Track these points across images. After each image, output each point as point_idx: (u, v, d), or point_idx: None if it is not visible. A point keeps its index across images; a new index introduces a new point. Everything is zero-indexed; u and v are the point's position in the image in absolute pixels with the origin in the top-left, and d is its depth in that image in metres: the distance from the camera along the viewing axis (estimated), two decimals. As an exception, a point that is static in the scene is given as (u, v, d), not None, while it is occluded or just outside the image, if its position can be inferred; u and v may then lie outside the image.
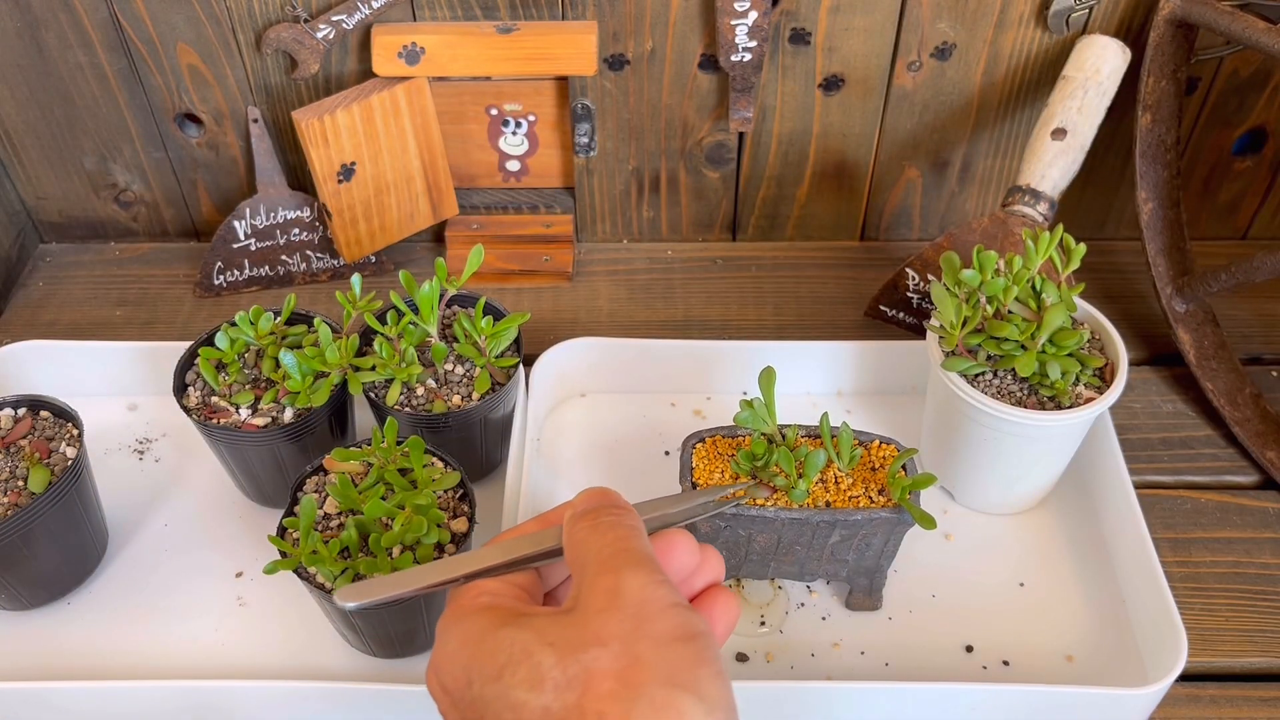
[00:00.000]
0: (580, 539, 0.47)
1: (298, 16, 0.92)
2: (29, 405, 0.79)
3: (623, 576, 0.44)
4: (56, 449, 0.77)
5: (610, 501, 0.49)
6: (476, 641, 0.44)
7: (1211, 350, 0.93)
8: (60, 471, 0.75)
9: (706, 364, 0.93)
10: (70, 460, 0.76)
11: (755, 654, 0.77)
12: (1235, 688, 0.76)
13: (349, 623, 0.73)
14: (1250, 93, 0.99)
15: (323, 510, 0.73)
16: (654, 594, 0.44)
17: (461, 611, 0.46)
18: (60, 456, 0.76)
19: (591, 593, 0.44)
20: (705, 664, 0.42)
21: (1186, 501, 0.87)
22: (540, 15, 0.94)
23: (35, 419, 0.79)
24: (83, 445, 0.77)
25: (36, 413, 0.79)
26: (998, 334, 0.76)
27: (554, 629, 0.43)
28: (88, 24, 0.93)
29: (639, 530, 0.47)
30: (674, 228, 1.10)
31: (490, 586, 0.48)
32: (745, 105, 0.97)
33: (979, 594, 0.80)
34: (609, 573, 0.44)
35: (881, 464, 0.73)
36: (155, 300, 1.05)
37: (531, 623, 0.44)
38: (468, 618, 0.45)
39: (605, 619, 0.43)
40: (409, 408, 0.80)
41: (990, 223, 0.89)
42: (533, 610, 0.46)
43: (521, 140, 1.03)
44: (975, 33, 0.94)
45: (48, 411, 0.79)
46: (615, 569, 0.44)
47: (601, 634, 0.42)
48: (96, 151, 1.03)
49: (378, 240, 1.03)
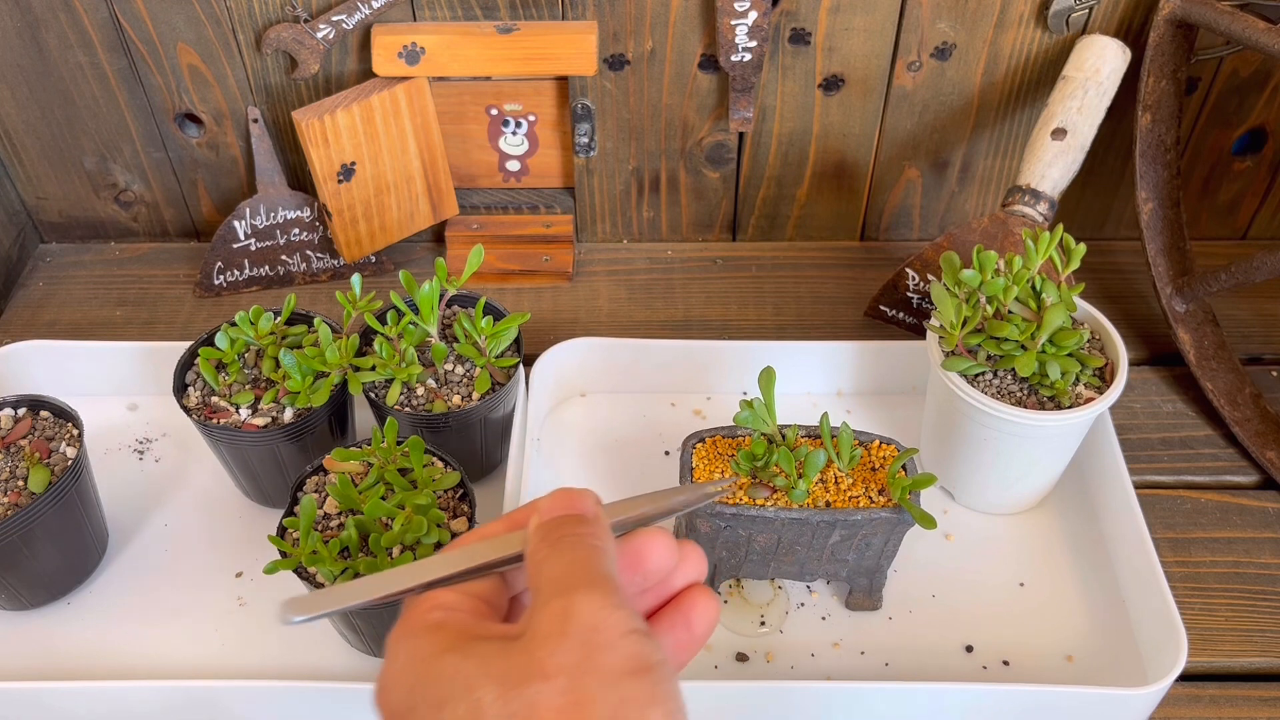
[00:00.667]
0: (539, 556, 0.44)
1: (298, 16, 0.92)
2: (29, 405, 0.79)
3: (575, 600, 0.41)
4: (56, 449, 0.77)
5: (577, 511, 0.45)
6: (422, 665, 0.42)
7: (1211, 350, 0.93)
8: (60, 471, 0.75)
9: (706, 364, 0.93)
10: (70, 460, 0.76)
11: (755, 654, 0.77)
12: (1235, 688, 0.76)
13: (349, 622, 0.73)
14: (1250, 93, 0.99)
15: (323, 510, 0.73)
16: (608, 620, 0.40)
17: (411, 629, 0.43)
18: (60, 456, 0.76)
19: (542, 617, 0.41)
20: (657, 702, 0.39)
21: (1186, 501, 0.87)
22: (540, 15, 0.94)
23: (35, 419, 0.79)
24: (83, 445, 0.77)
25: (36, 413, 0.79)
26: (998, 334, 0.76)
27: (499, 659, 0.40)
28: (88, 24, 0.93)
29: (601, 549, 0.44)
30: (674, 228, 1.10)
31: (445, 599, 0.44)
32: (745, 105, 0.97)
33: (979, 594, 0.80)
34: (562, 595, 0.41)
35: (881, 464, 0.73)
36: (155, 300, 1.05)
37: (477, 649, 0.41)
38: (417, 636, 0.43)
39: (553, 648, 0.40)
40: (409, 408, 0.80)
41: (990, 223, 0.89)
42: (483, 632, 0.43)
43: (521, 140, 1.03)
44: (975, 33, 0.94)
45: (48, 411, 0.79)
46: (568, 590, 0.41)
47: (547, 666, 0.39)
48: (96, 151, 1.03)
49: (378, 240, 1.03)
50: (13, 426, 0.78)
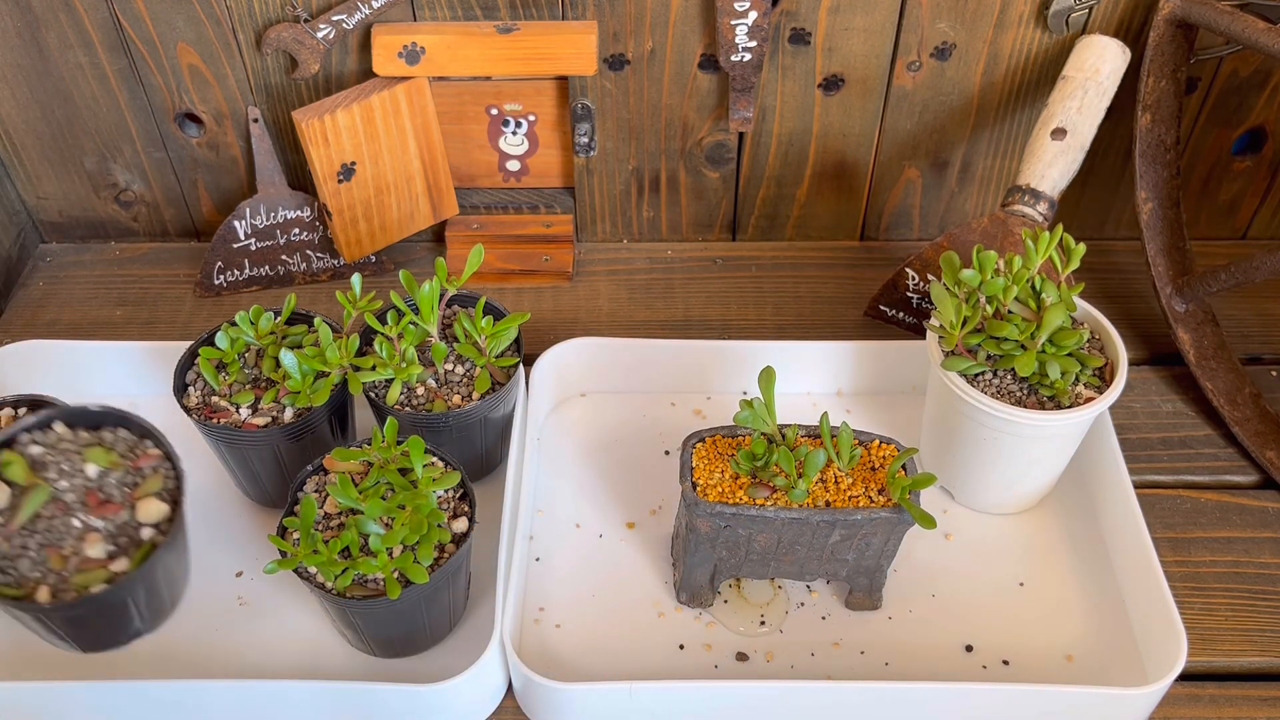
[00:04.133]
0: None
1: (298, 16, 0.92)
2: (29, 405, 0.79)
3: None
4: (57, 449, 0.77)
5: None
6: None
7: (1211, 350, 0.93)
8: (60, 471, 0.75)
9: (706, 364, 0.93)
10: (70, 460, 0.76)
11: (755, 654, 0.77)
12: (1235, 687, 0.76)
13: (349, 622, 0.73)
14: (1250, 93, 0.99)
15: (323, 510, 0.73)
16: None
17: None
18: (60, 456, 0.76)
19: None
20: None
21: (1186, 501, 0.87)
22: (540, 15, 0.94)
23: (35, 419, 0.78)
24: (83, 445, 0.77)
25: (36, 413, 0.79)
26: (998, 334, 0.76)
27: None
28: (88, 24, 0.93)
29: None
30: (674, 228, 1.10)
31: None
32: (745, 105, 0.97)
33: (979, 594, 0.80)
34: None
35: (881, 464, 0.73)
36: (155, 300, 1.05)
37: None
38: None
39: None
40: (409, 408, 0.80)
41: (990, 223, 0.89)
42: None
43: (521, 140, 1.03)
44: (975, 33, 0.94)
45: (48, 411, 0.79)
46: None
47: None
48: (97, 151, 1.03)
49: (378, 240, 1.03)
50: (13, 426, 0.78)
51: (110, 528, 0.61)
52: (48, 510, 0.61)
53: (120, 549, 0.61)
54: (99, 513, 0.61)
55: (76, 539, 0.60)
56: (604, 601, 0.80)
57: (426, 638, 0.76)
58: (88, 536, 0.60)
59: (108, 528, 0.61)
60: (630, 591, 0.81)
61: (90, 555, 0.60)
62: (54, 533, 0.60)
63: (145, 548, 0.61)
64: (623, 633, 0.78)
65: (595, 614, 0.79)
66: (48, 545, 0.60)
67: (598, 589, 0.81)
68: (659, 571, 0.82)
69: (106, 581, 0.59)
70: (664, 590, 0.81)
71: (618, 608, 0.80)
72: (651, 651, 0.77)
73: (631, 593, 0.81)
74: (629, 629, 0.78)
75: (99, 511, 0.61)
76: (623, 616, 0.79)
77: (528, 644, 0.77)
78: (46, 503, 0.61)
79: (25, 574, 0.59)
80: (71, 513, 0.61)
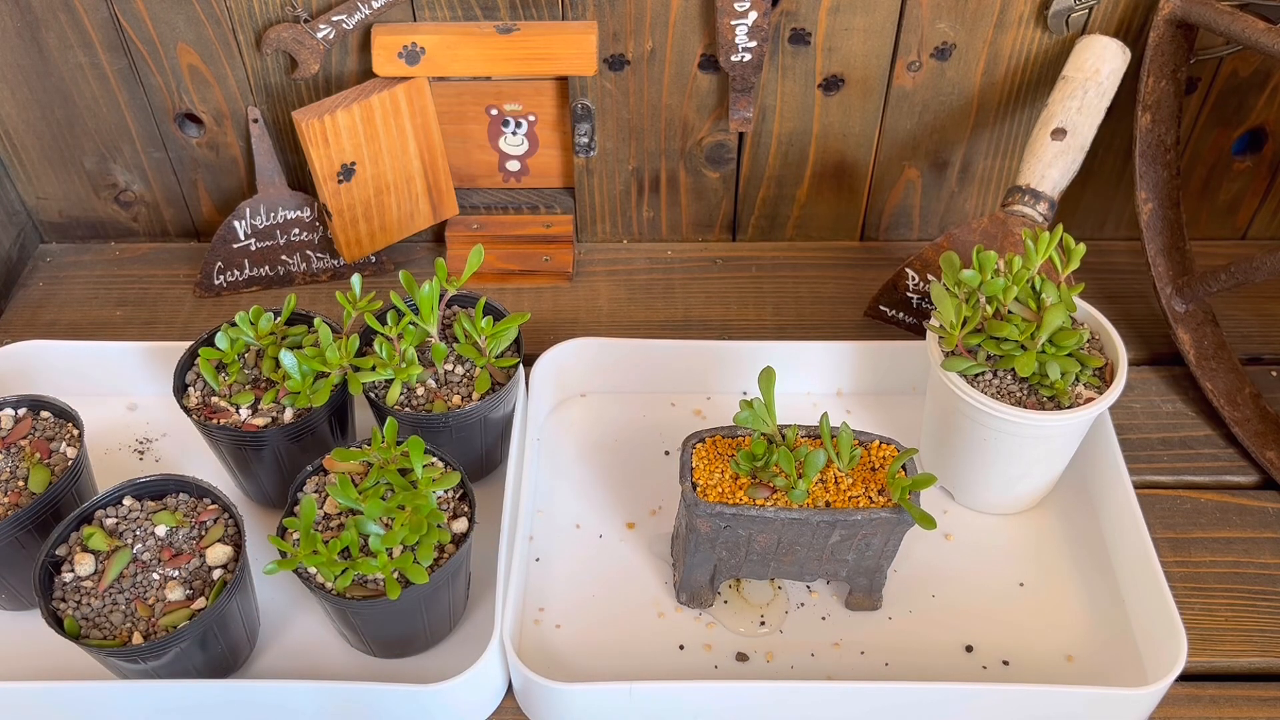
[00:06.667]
0: None
1: (298, 16, 0.92)
2: (29, 405, 0.79)
3: None
4: (56, 449, 0.77)
5: None
6: None
7: (1211, 350, 0.93)
8: (60, 471, 0.75)
9: (706, 364, 0.93)
10: (70, 460, 0.76)
11: (755, 654, 0.77)
12: (1235, 688, 0.76)
13: (349, 623, 0.73)
14: (1250, 93, 0.99)
15: (323, 510, 0.73)
16: None
17: None
18: (60, 456, 0.77)
19: None
20: None
21: (1186, 501, 0.87)
22: (540, 15, 0.94)
23: (35, 419, 0.79)
24: (83, 445, 0.77)
25: (36, 413, 0.79)
26: (998, 334, 0.76)
27: None
28: (88, 24, 0.93)
29: None
30: (674, 228, 1.10)
31: None
32: (745, 105, 0.97)
33: (979, 594, 0.80)
34: None
35: (881, 464, 0.73)
36: (155, 300, 1.05)
37: None
38: None
39: None
40: (409, 408, 0.80)
41: (990, 223, 0.89)
42: None
43: (521, 140, 1.03)
44: (975, 33, 0.94)
45: (48, 411, 0.79)
46: None
47: None
48: (96, 151, 1.03)
49: (378, 240, 1.03)
50: (13, 426, 0.78)
51: (184, 574, 0.71)
52: (129, 570, 0.71)
53: (196, 591, 0.71)
54: (173, 564, 0.72)
55: (159, 589, 0.71)
56: (604, 602, 0.80)
57: (426, 638, 0.76)
58: (168, 584, 0.71)
59: (182, 574, 0.71)
60: (630, 592, 0.81)
61: (172, 599, 0.70)
62: (138, 587, 0.71)
63: (218, 585, 0.71)
64: (623, 633, 0.78)
65: (595, 614, 0.79)
66: (135, 599, 0.70)
67: (598, 589, 0.81)
68: (659, 572, 0.82)
69: (189, 618, 0.69)
70: (664, 591, 0.81)
71: (618, 608, 0.80)
72: (651, 652, 0.77)
73: (631, 593, 0.81)
74: (629, 629, 0.78)
75: (173, 563, 0.72)
76: (623, 617, 0.79)
77: (527, 644, 0.77)
78: (128, 564, 0.71)
79: (117, 626, 0.69)
80: (150, 569, 0.71)
